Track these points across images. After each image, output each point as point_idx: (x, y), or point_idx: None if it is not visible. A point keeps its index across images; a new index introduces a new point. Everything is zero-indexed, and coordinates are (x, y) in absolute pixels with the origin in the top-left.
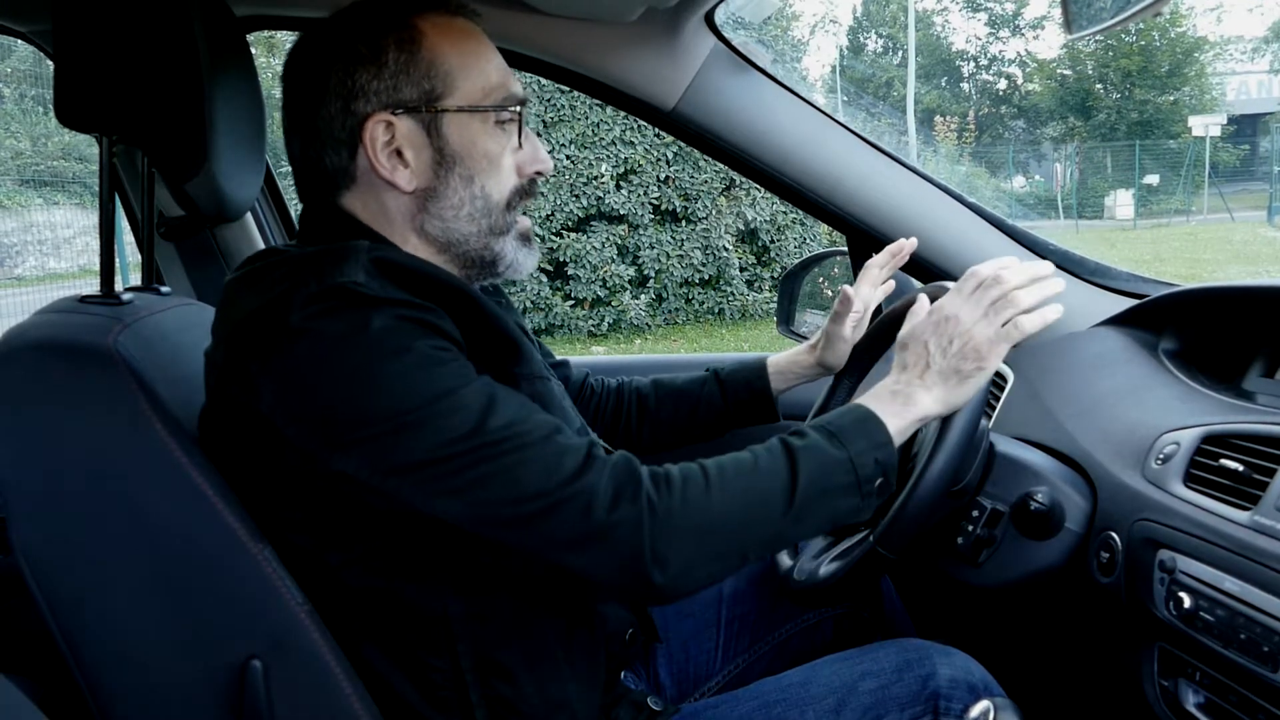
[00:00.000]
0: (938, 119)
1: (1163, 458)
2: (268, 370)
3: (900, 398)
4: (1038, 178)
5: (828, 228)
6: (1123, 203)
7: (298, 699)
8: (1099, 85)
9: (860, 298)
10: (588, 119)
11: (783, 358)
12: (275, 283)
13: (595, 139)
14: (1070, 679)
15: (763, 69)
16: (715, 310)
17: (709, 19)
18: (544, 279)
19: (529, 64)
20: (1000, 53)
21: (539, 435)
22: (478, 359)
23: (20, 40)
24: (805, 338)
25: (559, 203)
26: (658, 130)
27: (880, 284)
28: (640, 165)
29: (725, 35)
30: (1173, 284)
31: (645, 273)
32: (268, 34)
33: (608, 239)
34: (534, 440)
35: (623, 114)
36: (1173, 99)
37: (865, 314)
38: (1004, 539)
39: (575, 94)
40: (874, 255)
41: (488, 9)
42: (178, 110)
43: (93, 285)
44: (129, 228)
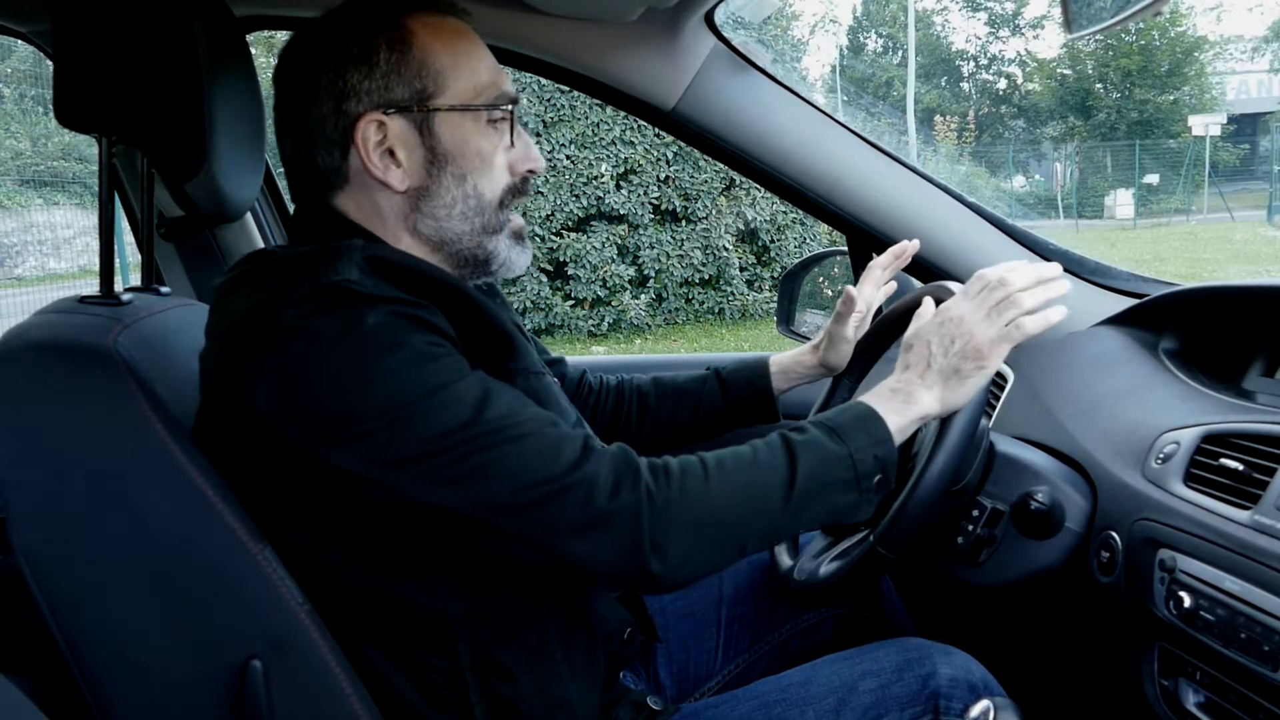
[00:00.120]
0: (938, 119)
1: (1163, 457)
2: (262, 369)
3: (900, 396)
4: (1038, 177)
5: (828, 228)
6: (1123, 202)
7: (298, 699)
8: (1099, 85)
9: (863, 298)
10: (588, 119)
11: (785, 357)
12: (268, 282)
13: (595, 139)
14: (1070, 678)
15: (763, 69)
16: (715, 310)
17: (709, 19)
18: (544, 279)
19: (529, 64)
20: (1000, 52)
21: (535, 426)
22: (472, 355)
23: (20, 40)
24: (805, 338)
25: (559, 203)
26: (658, 130)
27: (883, 285)
28: (640, 165)
29: (725, 35)
30: (1173, 283)
31: (645, 273)
32: (267, 34)
33: (608, 239)
34: (531, 431)
35: (623, 114)
36: (1173, 98)
37: (867, 314)
38: (1004, 538)
39: (575, 94)
40: (875, 256)
41: (487, 9)
42: (177, 110)
43: (93, 285)
44: (129, 228)
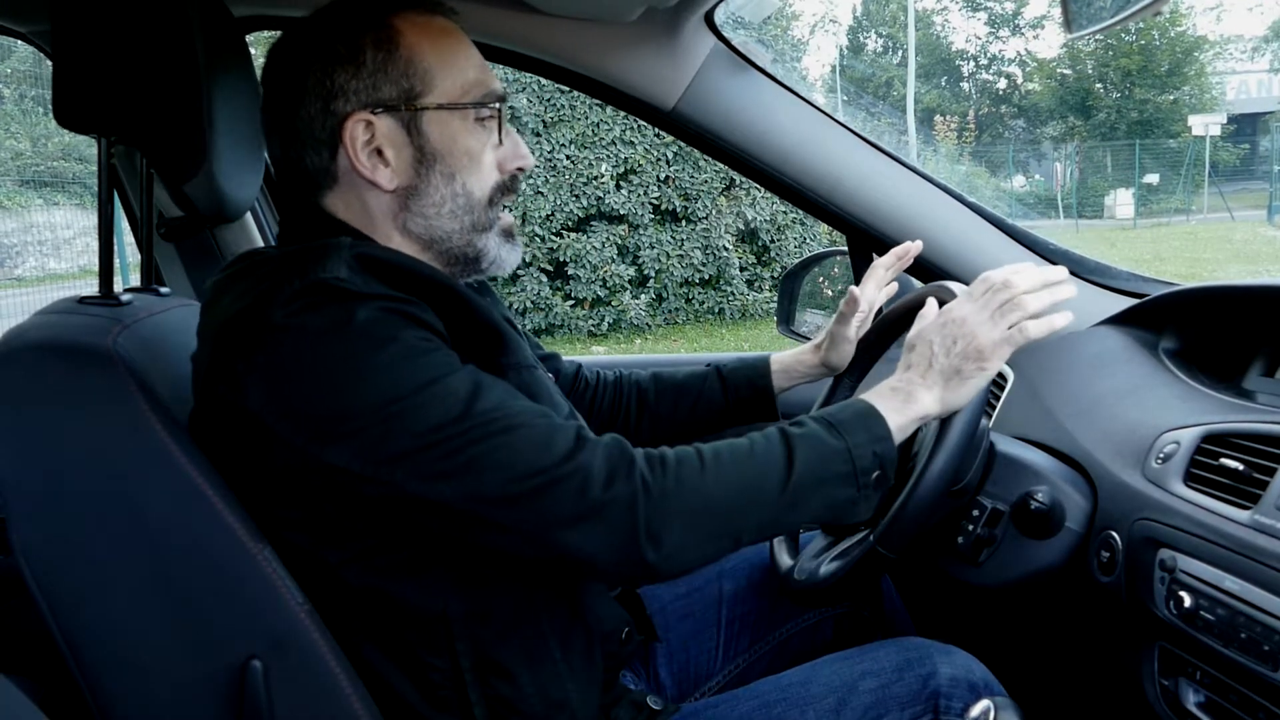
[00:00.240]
0: (938, 118)
1: (1163, 457)
2: (254, 368)
3: (901, 395)
4: (1038, 177)
5: (828, 228)
6: (1123, 202)
7: (298, 699)
8: (1099, 84)
9: (865, 298)
10: (588, 119)
11: (787, 356)
12: (258, 282)
13: (595, 139)
14: (1071, 678)
15: (763, 69)
16: (715, 310)
17: (709, 19)
18: (544, 279)
19: (529, 64)
20: (1000, 52)
21: (527, 418)
22: (462, 351)
23: (20, 41)
24: (806, 337)
25: (559, 203)
26: (658, 130)
27: (885, 285)
28: (640, 165)
29: (725, 35)
30: (1173, 283)
31: (645, 273)
32: (267, 34)
33: (608, 239)
34: (522, 422)
35: (623, 114)
36: (1173, 98)
37: (869, 314)
38: (1004, 538)
39: (575, 94)
40: (875, 256)
41: (488, 9)
42: (176, 111)
43: (93, 286)
44: (129, 228)
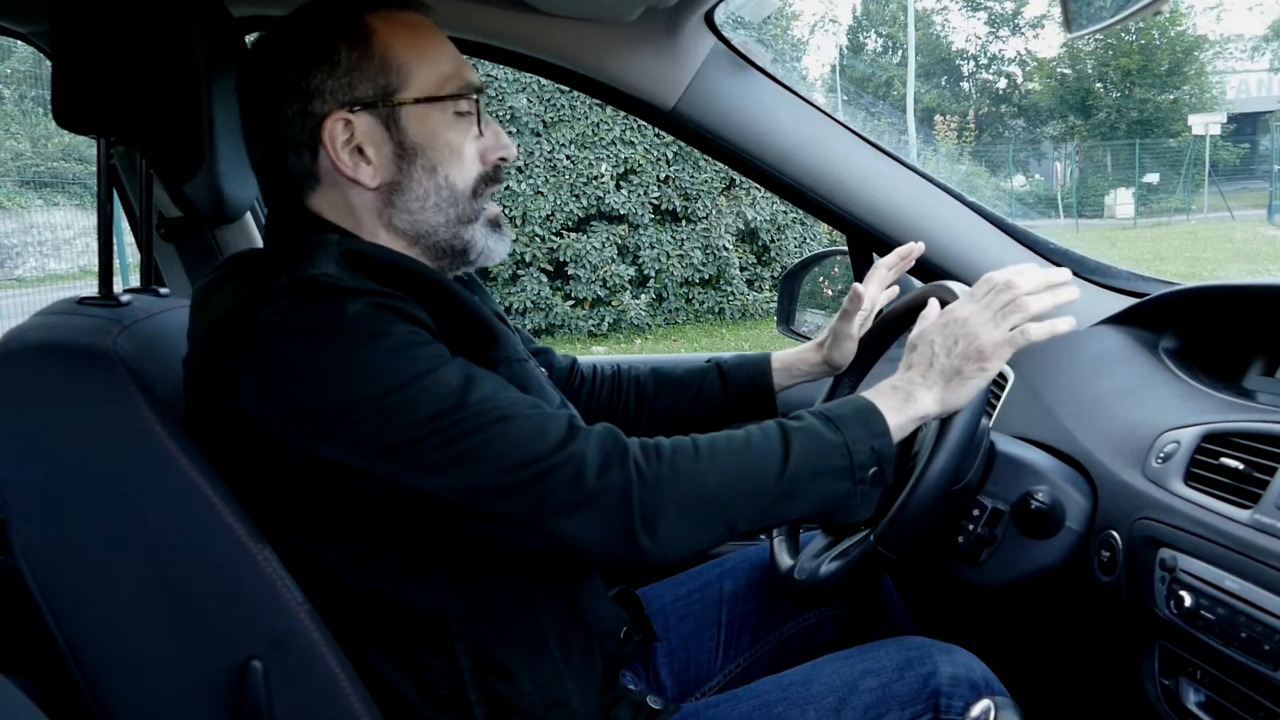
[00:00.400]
0: (937, 118)
1: (1163, 456)
2: (244, 367)
3: (901, 394)
4: (1038, 177)
5: (828, 227)
6: (1123, 201)
7: (298, 699)
8: (1099, 84)
9: (868, 297)
10: (588, 119)
11: (789, 354)
12: (246, 282)
13: (595, 139)
14: (1071, 678)
15: (763, 69)
16: (715, 310)
17: (709, 19)
18: (544, 279)
19: (529, 64)
20: (1000, 52)
21: (519, 408)
22: (452, 345)
23: (20, 41)
24: (806, 337)
25: (559, 203)
26: (658, 130)
27: (887, 285)
28: (640, 165)
29: (725, 35)
30: (1173, 283)
31: (645, 272)
32: None
33: (608, 239)
34: (516, 413)
35: (623, 114)
36: (1173, 98)
37: (871, 313)
38: (1004, 538)
39: (575, 94)
40: (876, 256)
41: (487, 9)
42: (175, 111)
43: (93, 286)
44: (130, 228)
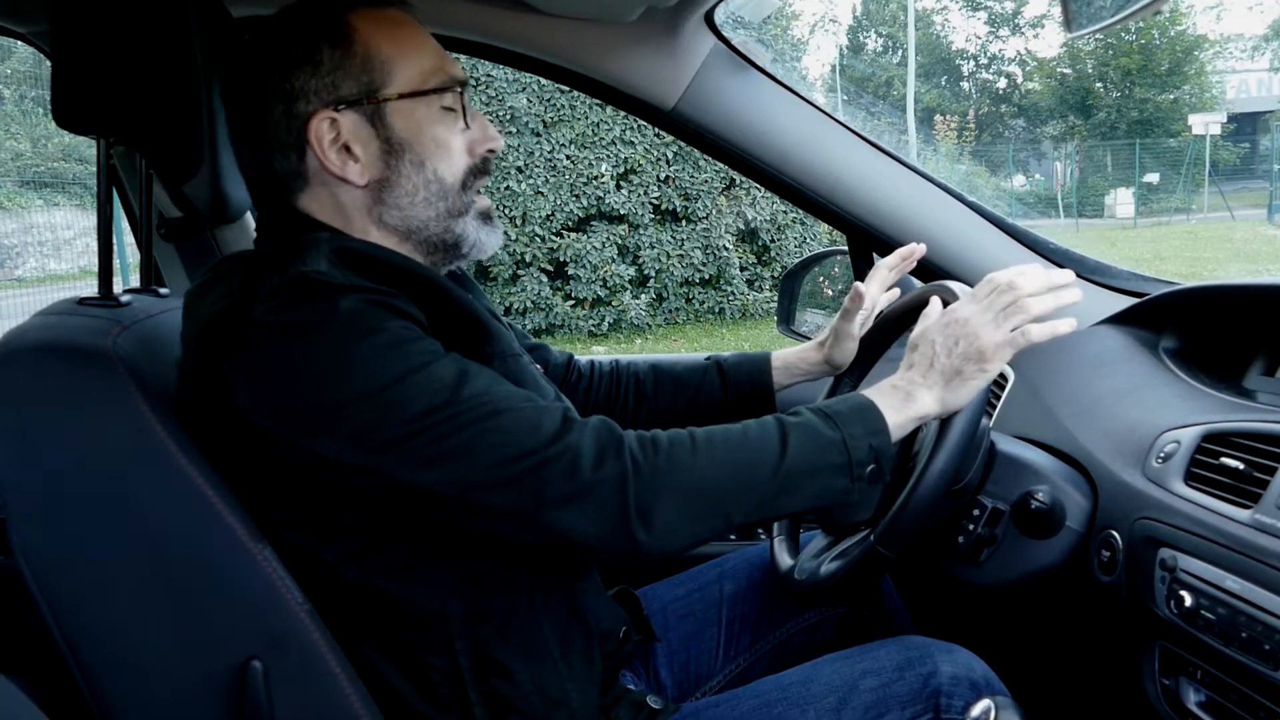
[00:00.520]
0: (938, 118)
1: (1163, 456)
2: (238, 367)
3: (900, 393)
4: (1038, 176)
5: (828, 227)
6: (1123, 201)
7: (298, 699)
8: (1099, 84)
9: (869, 296)
10: (588, 119)
11: (790, 353)
12: (238, 281)
13: (595, 139)
14: (1071, 678)
15: (763, 68)
16: (716, 310)
17: (709, 18)
18: (544, 279)
19: (529, 64)
20: (1000, 51)
21: (513, 401)
22: (445, 341)
23: (20, 41)
24: (806, 337)
25: (559, 203)
26: (658, 130)
27: (888, 286)
28: (640, 165)
29: (725, 35)
30: (1173, 282)
31: (645, 272)
32: None
33: (608, 239)
34: (510, 406)
35: (623, 114)
36: (1173, 97)
37: (872, 313)
38: (1005, 538)
39: (575, 94)
40: (876, 256)
41: (487, 9)
42: (175, 111)
43: (93, 286)
44: (130, 229)
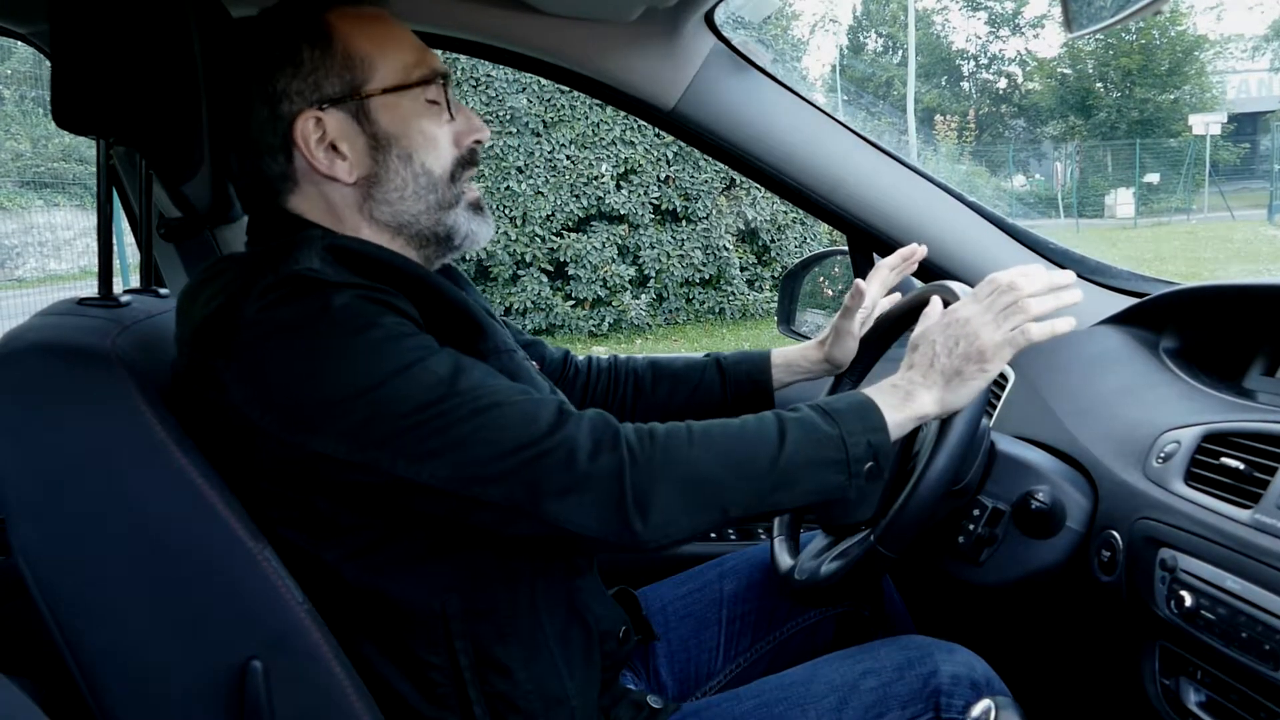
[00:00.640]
0: (938, 118)
1: (1164, 456)
2: (233, 365)
3: (900, 392)
4: (1038, 176)
5: (828, 227)
6: (1123, 201)
7: (298, 699)
8: (1099, 84)
9: (870, 295)
10: (588, 119)
11: (790, 351)
12: (230, 281)
13: (595, 139)
14: (1072, 677)
15: (763, 69)
16: (716, 310)
17: (709, 19)
18: (544, 279)
19: (529, 64)
20: (1000, 51)
21: (509, 395)
22: (439, 337)
23: (20, 41)
24: (806, 337)
25: (559, 203)
26: (658, 130)
27: (889, 286)
28: (640, 165)
29: (725, 35)
30: (1173, 283)
31: (646, 273)
32: None
33: (608, 239)
34: (506, 399)
35: (623, 114)
36: (1173, 97)
37: (872, 312)
38: (1005, 538)
39: (575, 94)
40: (876, 255)
41: (488, 9)
42: (175, 112)
43: (93, 287)
44: (130, 229)
